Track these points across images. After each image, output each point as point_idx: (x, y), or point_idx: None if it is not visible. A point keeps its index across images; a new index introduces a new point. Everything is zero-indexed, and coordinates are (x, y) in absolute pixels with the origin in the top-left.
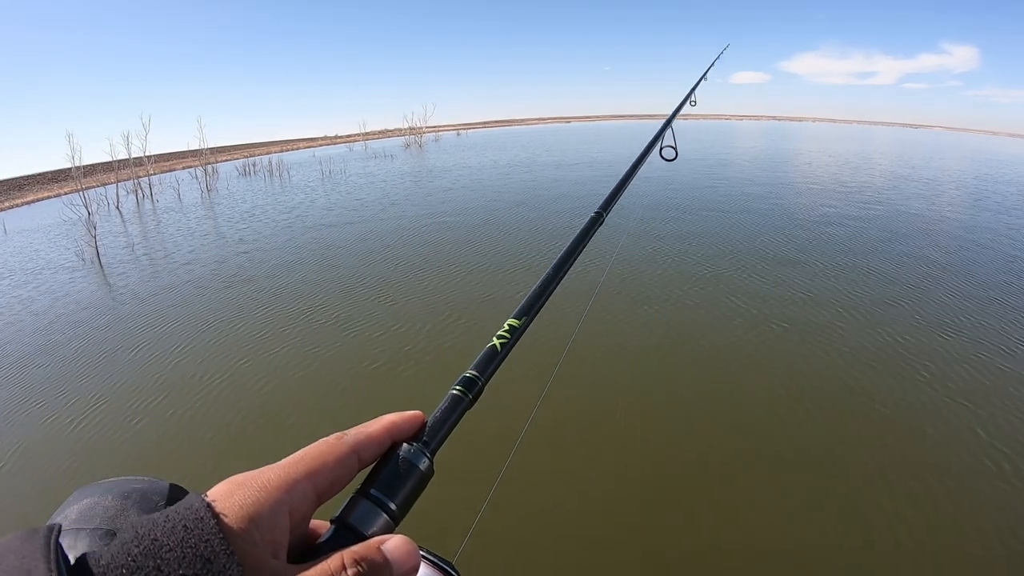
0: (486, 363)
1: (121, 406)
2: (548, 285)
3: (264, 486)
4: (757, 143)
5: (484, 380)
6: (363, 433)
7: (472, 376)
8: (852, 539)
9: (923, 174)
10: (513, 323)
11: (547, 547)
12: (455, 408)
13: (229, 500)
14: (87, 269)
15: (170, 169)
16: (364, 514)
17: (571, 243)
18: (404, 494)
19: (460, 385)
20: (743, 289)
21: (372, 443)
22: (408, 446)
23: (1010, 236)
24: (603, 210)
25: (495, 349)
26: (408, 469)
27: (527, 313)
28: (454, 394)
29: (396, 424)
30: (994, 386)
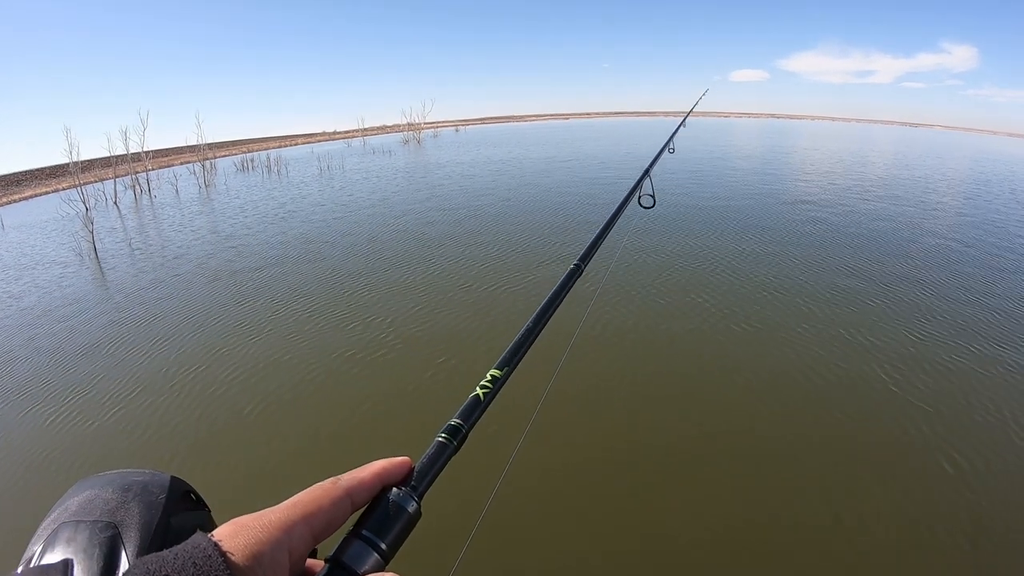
0: (469, 412)
1: (100, 398)
2: (529, 336)
3: (265, 527)
4: (754, 143)
5: (468, 428)
6: (356, 478)
7: (457, 424)
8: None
9: (916, 173)
10: (495, 374)
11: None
12: (441, 454)
13: (234, 540)
14: (82, 265)
15: (168, 165)
16: (357, 553)
17: (550, 295)
18: (394, 535)
19: (445, 433)
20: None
21: (364, 487)
22: (397, 490)
23: (997, 239)
24: (582, 261)
25: (478, 399)
26: (397, 512)
27: (508, 364)
28: (440, 441)
29: (386, 469)
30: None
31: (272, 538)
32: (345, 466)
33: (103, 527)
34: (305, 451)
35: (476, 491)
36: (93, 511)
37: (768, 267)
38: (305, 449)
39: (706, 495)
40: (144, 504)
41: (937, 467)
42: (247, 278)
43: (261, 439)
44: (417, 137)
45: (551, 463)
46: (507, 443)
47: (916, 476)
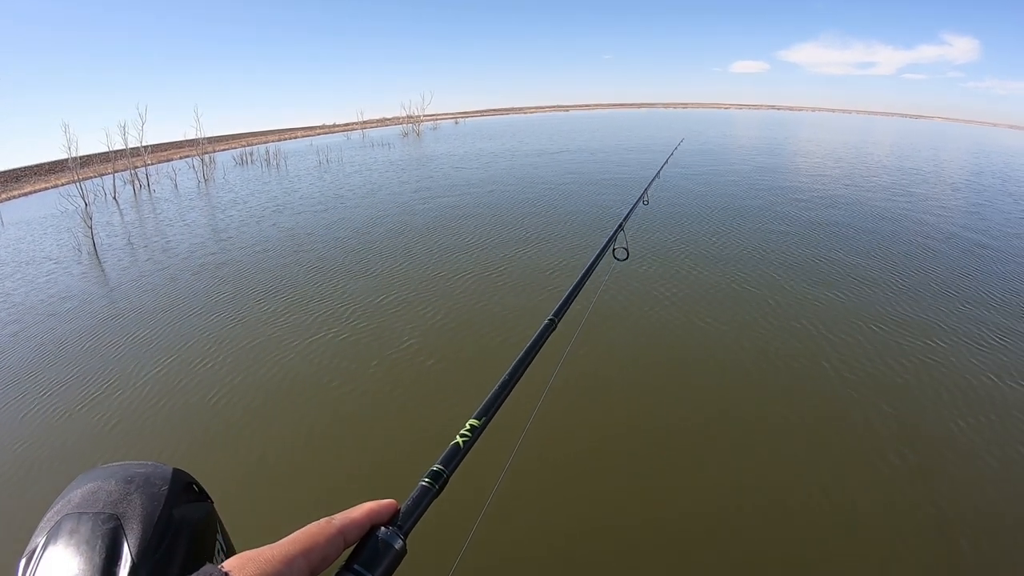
0: (450, 458)
1: (100, 392)
2: (505, 387)
3: (269, 560)
4: (753, 133)
5: (449, 473)
6: (348, 518)
7: (438, 470)
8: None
9: (906, 164)
10: (474, 423)
11: None
12: (424, 497)
13: (242, 572)
14: (80, 260)
15: (167, 159)
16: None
17: (525, 349)
18: (382, 569)
19: (428, 477)
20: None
21: (355, 526)
22: (385, 529)
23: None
24: (556, 317)
25: (458, 446)
26: (385, 548)
27: (486, 414)
28: (423, 485)
29: (375, 510)
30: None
31: (275, 570)
32: (338, 465)
33: (105, 519)
34: (302, 445)
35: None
36: (96, 503)
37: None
38: (302, 443)
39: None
40: (146, 496)
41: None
42: (232, 272)
43: (265, 431)
44: (416, 129)
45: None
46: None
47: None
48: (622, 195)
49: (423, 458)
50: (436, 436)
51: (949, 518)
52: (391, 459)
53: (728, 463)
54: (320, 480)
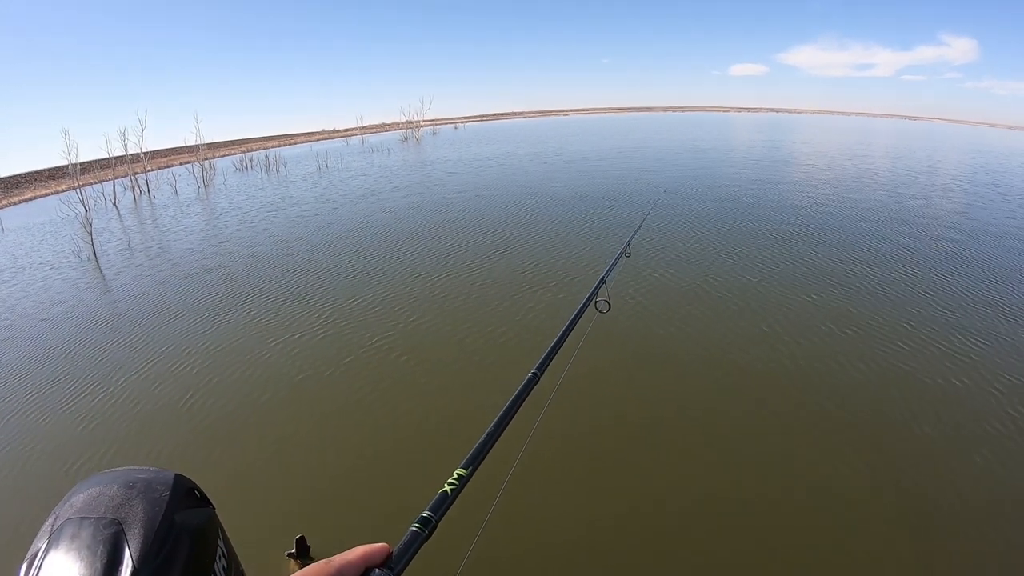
0: (439, 505)
1: (102, 397)
2: (490, 439)
3: None
4: (753, 137)
5: (437, 519)
6: (345, 560)
7: (428, 516)
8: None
9: (899, 164)
10: (461, 472)
11: None
12: (414, 542)
13: None
14: (81, 266)
15: (167, 165)
16: None
17: (509, 402)
18: None
19: (418, 523)
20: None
21: (351, 567)
22: (379, 571)
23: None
24: (539, 370)
25: (446, 494)
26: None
27: (472, 463)
28: (413, 530)
29: (368, 553)
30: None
31: None
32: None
33: (107, 524)
34: (303, 448)
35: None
36: (97, 508)
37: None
38: (303, 446)
39: None
40: (148, 501)
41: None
42: (221, 276)
43: (267, 437)
44: (416, 135)
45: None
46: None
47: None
48: (603, 198)
49: (412, 464)
50: (426, 438)
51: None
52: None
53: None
54: (316, 481)
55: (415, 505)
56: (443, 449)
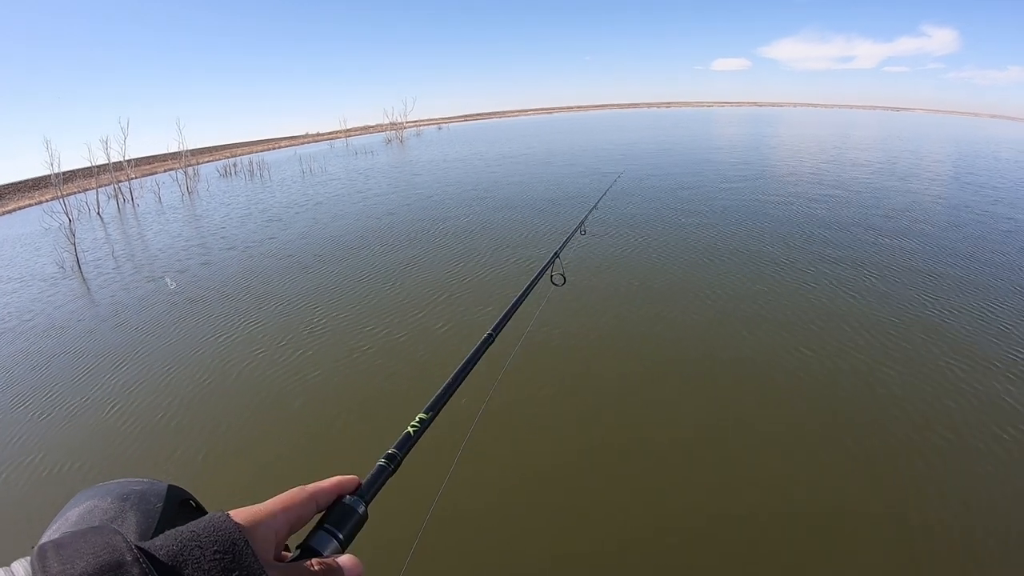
0: (403, 444)
1: (92, 410)
2: (449, 389)
3: (258, 511)
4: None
5: (402, 455)
6: (319, 486)
7: (393, 452)
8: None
9: (871, 156)
10: (423, 416)
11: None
12: (381, 474)
13: (237, 516)
14: (65, 277)
15: (151, 172)
16: (321, 540)
17: (466, 359)
18: (348, 529)
19: (384, 458)
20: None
21: (324, 493)
22: (350, 497)
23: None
24: (494, 331)
25: (409, 435)
26: (350, 512)
27: (434, 409)
28: (380, 464)
29: (341, 482)
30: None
31: (264, 518)
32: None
33: None
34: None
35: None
36: (91, 521)
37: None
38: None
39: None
40: (141, 513)
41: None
42: (205, 284)
43: (260, 446)
44: (400, 136)
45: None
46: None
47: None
48: (561, 196)
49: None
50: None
51: None
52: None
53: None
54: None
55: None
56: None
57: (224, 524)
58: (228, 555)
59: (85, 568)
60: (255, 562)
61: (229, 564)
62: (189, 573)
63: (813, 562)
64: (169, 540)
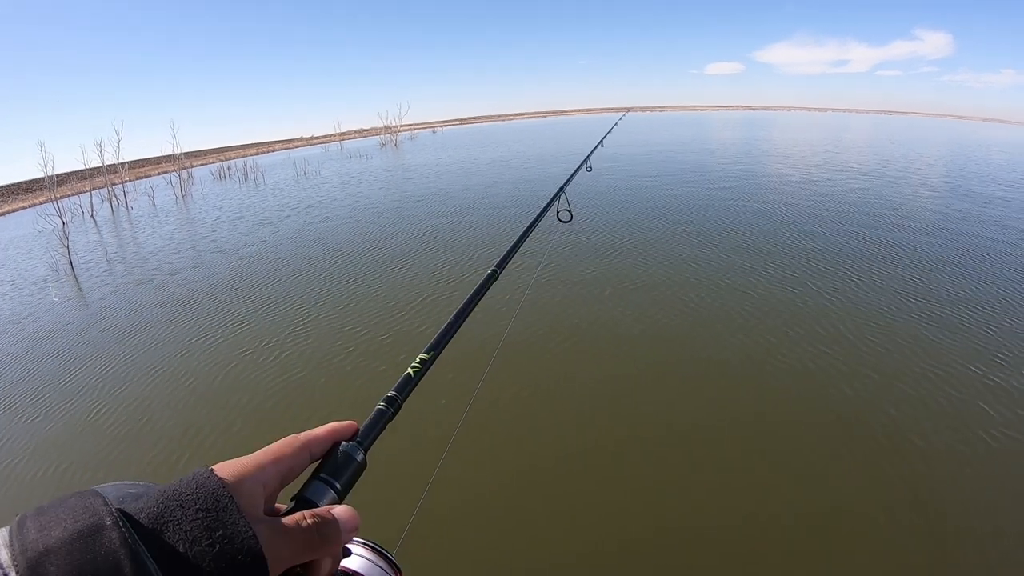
0: (403, 386)
1: (88, 412)
2: (451, 329)
3: (245, 464)
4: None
5: (403, 398)
6: (312, 434)
7: (393, 395)
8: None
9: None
10: (423, 356)
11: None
12: (380, 419)
13: (222, 471)
14: (59, 280)
15: (145, 175)
16: (316, 490)
17: (469, 296)
18: (346, 477)
19: (384, 402)
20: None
21: (319, 441)
22: (347, 443)
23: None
24: (498, 268)
25: (409, 376)
26: (347, 460)
27: (435, 349)
28: (380, 408)
29: (336, 429)
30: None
31: (250, 472)
32: None
33: None
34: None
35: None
36: None
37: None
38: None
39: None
40: None
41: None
42: (194, 287)
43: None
44: (394, 140)
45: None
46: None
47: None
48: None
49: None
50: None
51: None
52: None
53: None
54: None
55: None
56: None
57: (207, 480)
58: (211, 513)
59: (63, 534)
60: (240, 519)
61: (212, 522)
62: (170, 535)
63: (812, 562)
64: (150, 502)
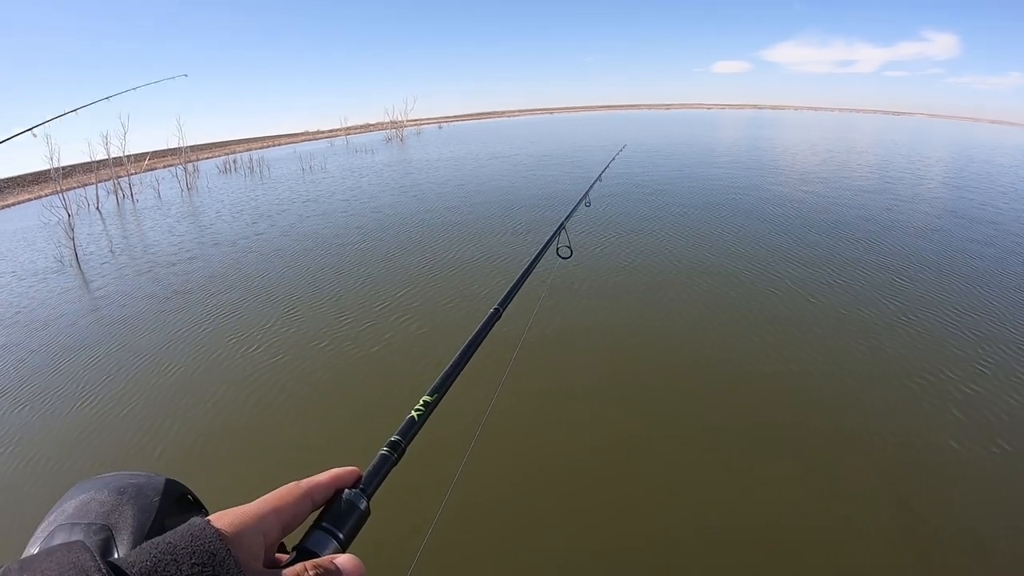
0: (407, 430)
1: (91, 402)
2: (455, 369)
3: (244, 513)
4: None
5: (406, 443)
6: (314, 481)
7: (396, 440)
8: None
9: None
10: (427, 399)
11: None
12: (384, 464)
13: (220, 520)
14: (64, 272)
15: (151, 168)
16: (318, 540)
17: (473, 335)
18: (349, 527)
19: (387, 447)
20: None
21: (321, 488)
22: (350, 491)
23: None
24: (501, 306)
25: (413, 419)
26: (350, 508)
27: (439, 391)
28: (383, 453)
29: (339, 475)
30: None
31: (250, 522)
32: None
33: (97, 529)
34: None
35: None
36: (88, 514)
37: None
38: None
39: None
40: (138, 507)
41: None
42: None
43: (257, 443)
44: (400, 135)
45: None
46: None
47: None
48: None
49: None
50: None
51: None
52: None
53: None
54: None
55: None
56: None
57: (203, 532)
58: (207, 568)
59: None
60: (237, 573)
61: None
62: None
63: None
64: (143, 555)
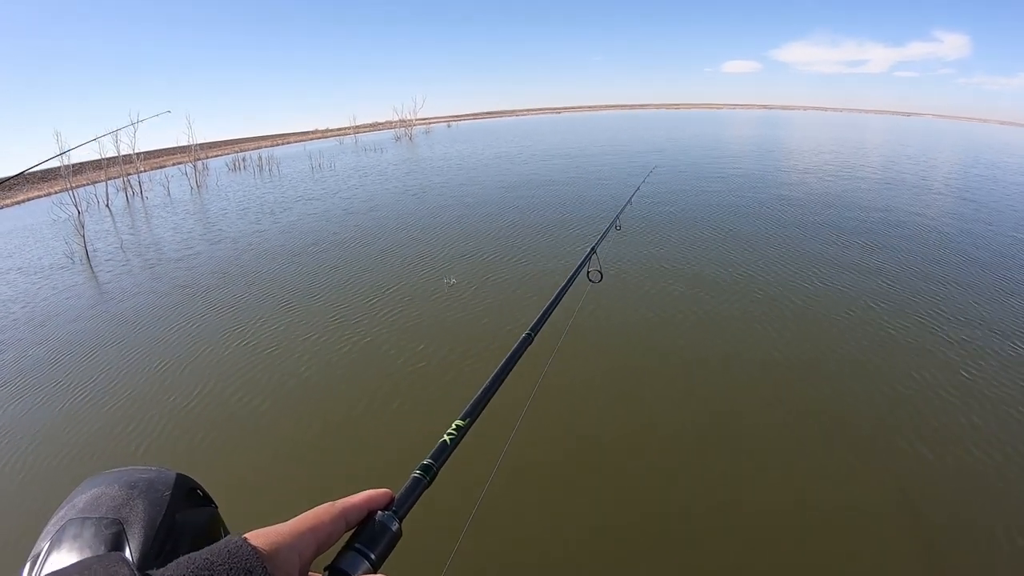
0: (439, 454)
1: (99, 397)
2: (487, 393)
3: (280, 532)
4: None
5: (438, 466)
6: (349, 502)
7: (428, 463)
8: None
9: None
10: (459, 423)
11: None
12: (416, 487)
13: (257, 539)
14: (74, 269)
15: (160, 166)
16: (351, 561)
17: (505, 360)
18: (381, 548)
19: (419, 470)
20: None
21: (355, 509)
22: (382, 513)
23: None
24: (533, 331)
25: (445, 443)
26: (383, 530)
27: (471, 415)
28: (415, 476)
29: (373, 497)
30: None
31: (287, 540)
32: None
33: (108, 524)
34: (305, 447)
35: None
36: (99, 508)
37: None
38: (305, 446)
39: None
40: (149, 501)
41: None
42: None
43: (269, 438)
44: (409, 133)
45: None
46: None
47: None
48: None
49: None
50: (425, 438)
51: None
52: (385, 460)
53: (701, 465)
54: (321, 480)
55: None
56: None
57: (240, 550)
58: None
59: None
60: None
61: None
62: None
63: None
64: (181, 569)
